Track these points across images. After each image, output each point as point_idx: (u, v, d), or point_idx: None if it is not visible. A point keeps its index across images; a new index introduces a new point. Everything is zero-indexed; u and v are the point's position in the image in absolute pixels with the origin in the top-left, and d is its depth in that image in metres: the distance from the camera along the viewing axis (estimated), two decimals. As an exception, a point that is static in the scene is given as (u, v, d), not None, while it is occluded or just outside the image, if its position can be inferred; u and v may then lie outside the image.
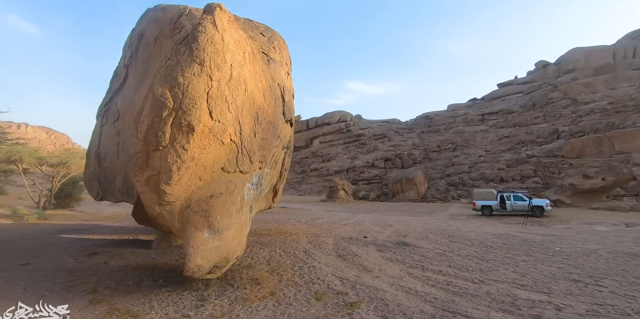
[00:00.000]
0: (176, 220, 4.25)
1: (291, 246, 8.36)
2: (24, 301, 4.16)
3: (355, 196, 36.56)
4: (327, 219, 15.81)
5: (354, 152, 51.39)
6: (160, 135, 3.79)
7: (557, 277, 5.85)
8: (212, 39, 4.01)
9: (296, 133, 70.12)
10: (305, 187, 49.32)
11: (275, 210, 21.53)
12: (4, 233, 9.58)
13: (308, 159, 57.43)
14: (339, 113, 60.95)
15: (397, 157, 43.57)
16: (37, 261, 6.65)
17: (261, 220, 15.26)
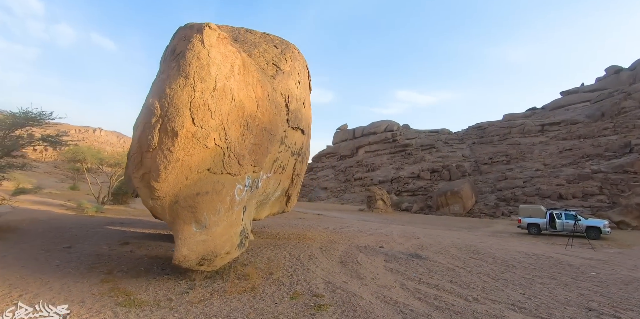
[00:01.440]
0: (167, 213, 4.81)
1: (300, 250, 8.59)
2: (48, 274, 5.00)
3: (398, 207, 35.57)
4: (355, 228, 15.75)
5: (400, 163, 50.17)
6: (150, 138, 4.39)
7: (569, 303, 5.29)
8: (198, 54, 4.56)
9: (342, 142, 70.65)
10: (348, 196, 49.20)
11: (308, 216, 21.99)
12: (63, 222, 11.26)
13: (352, 168, 57.32)
14: (385, 122, 60.21)
15: (444, 168, 41.56)
16: (79, 245, 7.77)
17: (288, 225, 15.74)
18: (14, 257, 6.23)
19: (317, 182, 60.17)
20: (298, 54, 9.18)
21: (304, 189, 60.33)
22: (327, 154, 72.00)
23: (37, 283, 4.83)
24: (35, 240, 7.93)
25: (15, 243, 7.40)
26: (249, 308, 4.26)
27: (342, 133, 71.89)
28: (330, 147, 73.71)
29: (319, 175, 64.28)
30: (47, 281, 4.96)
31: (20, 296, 4.27)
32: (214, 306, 4.27)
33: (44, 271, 5.44)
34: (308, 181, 63.47)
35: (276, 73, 7.57)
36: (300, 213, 24.77)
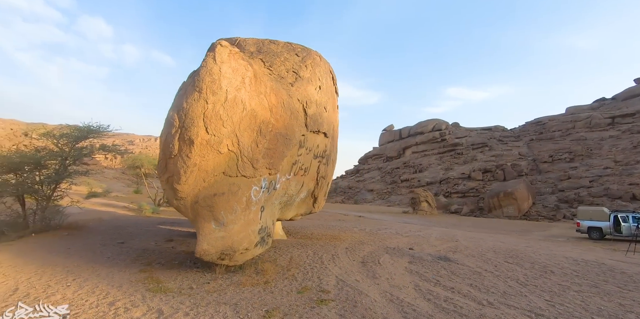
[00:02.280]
0: (189, 212, 5.42)
1: (325, 250, 8.86)
2: (99, 264, 5.91)
3: (447, 209, 34.10)
4: (393, 230, 15.59)
5: (449, 163, 47.95)
6: (171, 147, 5.03)
7: (600, 314, 4.88)
8: (210, 70, 5.11)
9: (388, 143, 69.44)
10: (394, 199, 48.21)
11: (348, 218, 22.14)
12: (123, 222, 12.83)
13: (399, 170, 56.05)
14: (433, 121, 57.98)
15: (498, 168, 38.89)
16: (131, 241, 8.89)
17: (325, 226, 16.07)
18: (76, 249, 7.39)
19: (363, 184, 59.82)
20: (320, 60, 9.52)
21: (350, 191, 60.41)
22: (373, 155, 71.30)
23: (89, 270, 5.75)
24: (97, 236, 9.23)
25: (80, 238, 8.72)
26: (256, 298, 4.65)
27: (388, 134, 70.72)
28: (376, 149, 72.90)
29: (365, 177, 63.82)
30: (97, 269, 5.87)
31: (74, 279, 5.15)
32: (227, 295, 4.74)
33: (97, 261, 6.41)
34: (354, 183, 63.41)
35: (295, 80, 7.98)
36: (341, 215, 24.99)
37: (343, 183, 65.69)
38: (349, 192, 59.32)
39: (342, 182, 67.85)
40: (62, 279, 5.17)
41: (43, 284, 4.88)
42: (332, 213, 27.05)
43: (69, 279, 5.18)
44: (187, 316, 3.93)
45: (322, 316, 4.12)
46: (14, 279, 5.01)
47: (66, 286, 4.84)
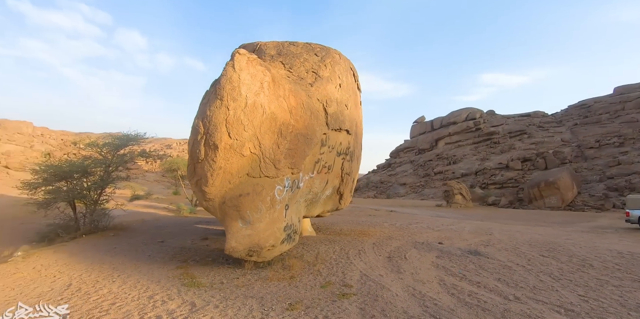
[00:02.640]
0: (218, 212, 5.79)
1: (352, 245, 9.00)
2: (141, 261, 6.47)
3: (484, 201, 32.82)
4: (424, 224, 15.38)
5: (485, 153, 45.97)
6: (198, 152, 5.39)
7: (638, 310, 4.63)
8: (230, 78, 5.39)
9: (420, 135, 67.72)
10: (428, 192, 47.13)
11: (379, 213, 22.06)
12: (163, 222, 13.74)
13: (432, 162, 54.59)
14: (466, 110, 55.74)
15: (539, 156, 36.74)
16: (170, 240, 9.56)
17: (355, 222, 16.17)
18: (121, 248, 8.10)
19: (395, 179, 58.98)
20: (339, 58, 9.59)
21: (382, 185, 59.78)
22: (404, 148, 69.95)
23: (132, 267, 6.32)
24: (139, 236, 10.02)
25: (124, 238, 9.52)
26: (281, 292, 4.92)
27: (419, 126, 68.99)
28: (407, 142, 71.43)
29: (397, 171, 62.84)
30: (139, 266, 6.44)
31: (119, 276, 5.72)
32: (254, 290, 5.05)
33: (139, 259, 7.02)
34: (386, 177, 62.67)
35: (315, 80, 8.13)
36: (372, 210, 24.92)
37: (375, 178, 65.17)
38: (381, 186, 58.73)
39: (373, 176, 67.33)
40: (108, 275, 5.75)
41: (92, 280, 5.48)
42: (363, 208, 27.05)
43: (114, 275, 5.76)
44: (216, 308, 4.27)
45: (342, 309, 4.29)
46: (68, 276, 5.67)
47: (112, 281, 5.40)
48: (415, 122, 69.84)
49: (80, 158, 10.91)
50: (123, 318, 3.95)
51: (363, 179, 71.44)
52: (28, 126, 37.87)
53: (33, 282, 5.33)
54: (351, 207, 27.90)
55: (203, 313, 4.11)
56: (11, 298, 4.58)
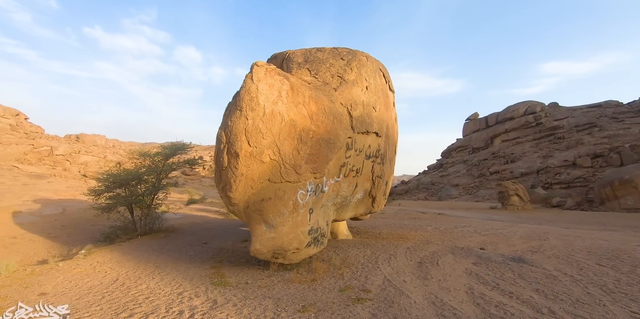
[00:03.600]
0: (243, 216, 6.15)
1: (385, 249, 8.85)
2: (181, 260, 7.07)
3: (546, 203, 29.86)
4: (471, 228, 14.52)
5: (547, 150, 41.87)
6: (222, 160, 5.80)
7: None
8: (248, 90, 5.72)
9: (473, 133, 63.84)
10: (483, 193, 44.17)
11: (425, 216, 21.23)
12: (212, 224, 14.72)
13: (487, 161, 51.12)
14: (524, 104, 51.32)
15: (612, 151, 32.51)
16: (213, 242, 10.25)
17: (397, 225, 15.79)
18: (168, 249, 8.90)
19: (447, 180, 56.25)
20: (367, 60, 9.55)
21: (433, 187, 57.33)
22: (457, 148, 66.50)
23: (172, 266, 6.95)
24: (187, 237, 10.88)
25: (173, 239, 10.42)
26: (299, 294, 5.06)
27: (472, 123, 65.12)
28: (460, 140, 67.81)
29: (449, 171, 59.90)
30: (178, 265, 7.06)
31: (159, 273, 6.34)
32: (274, 290, 5.26)
33: (180, 259, 7.67)
34: (437, 178, 60.05)
35: (339, 84, 8.22)
36: (418, 213, 24.07)
37: (425, 179, 62.79)
38: (432, 188, 56.36)
39: (424, 178, 64.91)
40: (150, 272, 6.40)
41: (136, 276, 6.14)
42: (409, 211, 26.26)
43: (155, 272, 6.39)
44: (234, 307, 4.55)
45: (354, 314, 4.30)
46: (117, 272, 6.42)
47: (152, 278, 6.00)
48: (468, 120, 65.94)
49: (136, 167, 12.21)
50: (152, 311, 4.40)
51: (413, 181, 69.18)
52: (101, 138, 43.15)
53: (87, 276, 6.14)
54: (397, 210, 27.23)
55: (221, 310, 4.41)
56: (67, 289, 5.36)
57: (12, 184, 23.16)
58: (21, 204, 17.71)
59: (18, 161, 31.29)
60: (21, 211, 15.61)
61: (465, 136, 65.34)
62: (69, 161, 37.89)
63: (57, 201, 20.40)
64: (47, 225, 13.53)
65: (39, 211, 16.61)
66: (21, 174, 27.14)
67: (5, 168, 27.77)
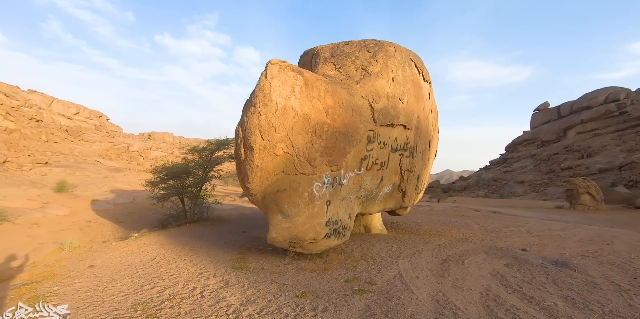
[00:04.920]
0: (261, 206, 6.52)
1: (413, 245, 8.63)
2: (215, 246, 7.75)
3: (630, 203, 25.91)
4: (523, 228, 13.36)
5: (633, 143, 36.19)
6: (239, 153, 6.20)
7: None
8: (262, 87, 6.01)
9: (543, 125, 57.65)
10: (552, 191, 39.84)
11: (477, 214, 19.98)
12: (257, 215, 15.60)
13: (559, 156, 45.85)
14: (604, 91, 44.81)
15: None
16: (251, 231, 10.94)
17: (442, 222, 15.18)
18: (208, 235, 9.74)
19: (511, 176, 51.77)
20: (394, 51, 9.28)
21: (495, 184, 53.19)
22: (523, 141, 60.73)
23: (205, 250, 7.63)
24: (229, 226, 11.75)
25: (216, 228, 11.33)
26: (304, 282, 5.26)
27: (542, 114, 58.82)
28: (527, 133, 61.75)
29: (514, 167, 55.04)
30: (211, 250, 7.72)
31: (191, 256, 7.03)
32: (284, 277, 5.55)
33: (216, 244, 8.37)
34: (500, 174, 55.57)
35: (363, 77, 8.15)
36: (471, 211, 22.67)
37: (487, 175, 58.53)
38: (494, 185, 52.36)
39: (485, 174, 60.55)
40: (183, 255, 7.14)
41: (171, 257, 6.91)
42: (462, 208, 24.89)
43: (188, 255, 7.11)
44: (242, 288, 4.92)
45: (349, 303, 4.37)
46: (156, 252, 7.27)
47: (183, 259, 6.70)
48: (537, 110, 59.54)
49: (185, 161, 13.47)
50: (171, 285, 4.99)
51: (473, 177, 64.79)
52: (169, 136, 48.01)
53: (131, 254, 7.08)
54: (448, 207, 25.94)
55: (229, 290, 4.81)
56: (112, 264, 6.28)
57: (95, 176, 27.11)
58: (100, 194, 20.67)
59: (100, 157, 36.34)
60: (98, 199, 18.24)
61: (533, 128, 59.16)
62: (142, 156, 42.93)
63: (129, 192, 23.39)
64: (117, 212, 15.66)
65: (113, 199, 19.24)
66: (103, 168, 31.56)
67: (90, 163, 32.49)
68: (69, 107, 51.37)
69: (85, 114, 51.92)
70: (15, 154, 26.62)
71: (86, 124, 48.33)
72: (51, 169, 27.00)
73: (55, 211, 13.90)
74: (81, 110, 52.80)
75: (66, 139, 40.22)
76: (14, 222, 11.21)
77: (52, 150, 33.84)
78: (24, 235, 10.13)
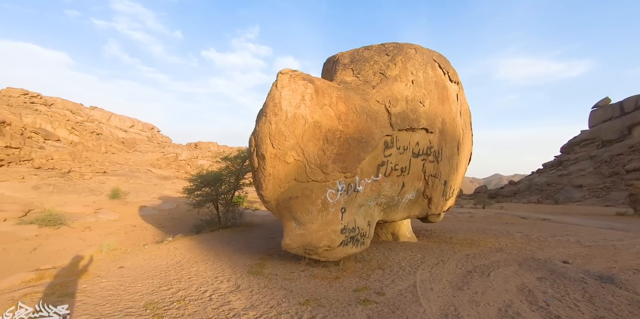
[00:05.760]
0: (275, 212, 6.66)
1: (439, 255, 8.25)
2: (240, 251, 8.02)
3: None
4: (572, 238, 12.18)
5: None
6: (253, 162, 6.41)
7: None
8: (273, 96, 6.19)
9: (604, 123, 52.33)
10: (615, 196, 35.82)
11: (524, 222, 18.59)
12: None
13: (623, 157, 41.21)
14: (681, 83, 39.39)
15: None
16: (279, 237, 11.10)
17: (480, 230, 14.36)
18: (236, 241, 10.08)
19: (567, 179, 47.40)
20: (415, 52, 9.06)
21: (549, 188, 48.98)
22: (581, 141, 55.44)
23: (228, 255, 7.92)
24: (259, 232, 12.07)
25: (247, 233, 11.70)
26: (312, 289, 5.26)
27: (602, 111, 53.42)
28: (585, 132, 56.31)
29: (571, 170, 50.36)
30: (234, 255, 7.99)
31: (214, 260, 7.33)
32: (294, 283, 5.59)
33: (240, 250, 8.65)
34: (555, 178, 51.14)
35: (380, 81, 8.06)
36: (516, 218, 21.10)
37: (540, 179, 54.20)
38: (548, 189, 48.27)
39: (538, 177, 56.13)
40: (207, 259, 7.47)
41: (194, 260, 7.27)
42: (508, 215, 23.34)
43: (211, 259, 7.43)
44: (250, 292, 5.05)
45: (350, 314, 4.29)
46: (182, 256, 7.69)
47: (205, 263, 7.01)
48: (596, 107, 54.10)
49: (219, 169, 14.15)
50: (185, 288, 5.27)
51: (524, 181, 60.23)
52: (214, 145, 50.71)
53: (160, 257, 7.56)
54: (493, 214, 24.39)
55: (236, 294, 4.96)
56: (140, 265, 6.76)
57: (146, 184, 29.40)
58: (149, 200, 22.35)
59: (152, 166, 39.33)
60: (146, 205, 19.72)
61: (592, 126, 53.72)
62: (189, 165, 45.81)
63: (175, 198, 25.02)
64: (161, 217, 16.82)
65: (159, 205, 20.70)
66: (153, 176, 34.14)
67: (142, 171, 35.27)
68: (124, 121, 56.84)
69: (139, 126, 57.06)
70: (78, 165, 29.86)
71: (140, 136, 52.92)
72: (108, 177, 29.81)
73: (106, 216, 15.29)
74: (135, 123, 58.13)
75: (122, 150, 44.29)
76: (70, 226, 12.50)
77: (109, 160, 37.45)
78: (76, 238, 11.26)
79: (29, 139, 32.57)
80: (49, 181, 22.78)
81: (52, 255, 9.30)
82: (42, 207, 14.60)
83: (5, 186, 19.25)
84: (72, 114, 45.76)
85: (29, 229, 11.43)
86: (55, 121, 41.01)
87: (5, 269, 8.21)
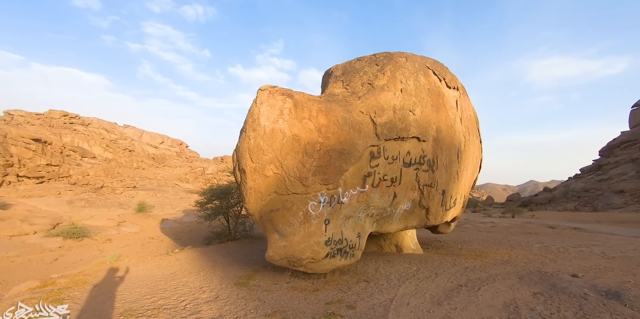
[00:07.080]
0: (260, 224, 6.82)
1: (435, 268, 8.00)
2: (238, 263, 8.23)
3: None
4: (597, 249, 11.32)
5: None
6: (236, 176, 6.66)
7: None
8: (252, 113, 6.44)
9: None
10: (664, 203, 32.64)
11: (551, 232, 17.48)
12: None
13: (670, 160, 37.68)
14: None
15: None
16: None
17: (496, 241, 13.74)
18: (238, 252, 10.29)
19: (607, 185, 44.00)
20: (405, 60, 9.04)
21: (587, 195, 45.63)
22: (621, 143, 51.47)
23: (224, 266, 8.14)
24: (265, 244, 12.18)
25: (252, 245, 11.88)
26: (285, 301, 5.30)
27: (642, 110, 49.47)
28: (625, 134, 52.28)
29: (611, 174, 46.78)
30: (229, 266, 8.21)
31: (209, 270, 7.57)
32: (270, 295, 5.67)
33: (237, 261, 8.85)
34: (593, 183, 47.65)
35: (367, 92, 8.13)
36: (545, 228, 19.86)
37: (577, 185, 50.74)
38: (586, 196, 44.99)
39: (575, 183, 52.59)
40: (201, 269, 7.73)
41: (189, 271, 7.55)
42: (535, 224, 22.04)
43: (205, 270, 7.69)
44: (225, 303, 5.20)
45: (311, 327, 4.30)
46: (180, 266, 8.01)
47: (197, 274, 7.26)
48: (637, 106, 50.23)
49: (230, 183, 14.63)
50: (167, 297, 5.53)
51: (559, 188, 56.55)
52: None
53: (158, 268, 7.91)
54: (519, 223, 23.08)
55: (211, 305, 5.13)
56: (137, 275, 7.13)
57: (172, 198, 30.75)
58: (173, 213, 23.32)
59: (179, 180, 41.10)
60: (168, 218, 20.61)
61: (633, 127, 49.76)
62: (215, 178, 47.40)
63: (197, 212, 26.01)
64: (179, 230, 17.50)
65: (181, 218, 21.55)
66: (180, 190, 35.66)
67: (169, 185, 36.93)
68: (155, 137, 60.26)
69: (168, 142, 60.27)
70: (111, 180, 31.89)
71: (169, 152, 55.71)
72: (137, 192, 31.52)
73: (127, 228, 16.16)
74: (165, 139, 61.49)
75: (152, 166, 46.82)
76: (92, 238, 13.35)
77: (140, 175, 39.68)
78: (96, 249, 11.99)
79: (67, 157, 35.39)
80: (82, 195, 24.52)
81: (69, 265, 9.99)
82: (70, 221, 15.75)
83: (43, 200, 20.99)
84: (107, 132, 49.29)
85: (55, 241, 12.39)
86: (92, 139, 44.31)
87: (24, 277, 8.92)
